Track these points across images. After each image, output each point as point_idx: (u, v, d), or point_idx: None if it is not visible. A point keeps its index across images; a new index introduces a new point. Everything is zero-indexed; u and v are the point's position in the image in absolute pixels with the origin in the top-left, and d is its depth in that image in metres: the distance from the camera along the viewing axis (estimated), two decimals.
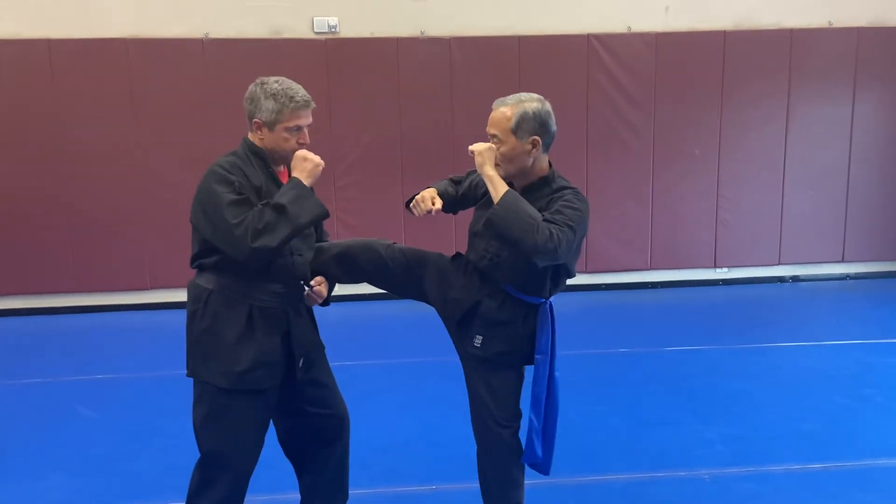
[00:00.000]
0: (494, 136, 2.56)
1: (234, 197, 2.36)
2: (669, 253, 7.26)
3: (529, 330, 2.64)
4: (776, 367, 4.98)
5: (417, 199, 2.66)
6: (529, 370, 2.73)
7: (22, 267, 6.56)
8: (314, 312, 2.76)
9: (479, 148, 2.54)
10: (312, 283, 2.66)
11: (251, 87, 2.51)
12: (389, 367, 5.12)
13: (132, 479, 3.55)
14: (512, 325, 2.62)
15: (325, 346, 2.79)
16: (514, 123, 2.52)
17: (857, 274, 7.52)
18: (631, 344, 5.53)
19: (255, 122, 2.49)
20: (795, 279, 7.50)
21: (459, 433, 3.26)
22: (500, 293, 2.62)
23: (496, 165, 2.55)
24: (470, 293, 2.65)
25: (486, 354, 2.63)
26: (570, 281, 2.71)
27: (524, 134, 2.52)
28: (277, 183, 2.52)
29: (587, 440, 3.86)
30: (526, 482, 2.78)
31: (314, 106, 2.54)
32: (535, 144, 2.54)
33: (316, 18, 6.64)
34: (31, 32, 6.36)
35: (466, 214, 2.88)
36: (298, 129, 2.50)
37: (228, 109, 6.10)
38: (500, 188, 2.48)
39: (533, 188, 2.61)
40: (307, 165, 2.46)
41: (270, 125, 2.47)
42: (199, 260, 2.52)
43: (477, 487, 2.79)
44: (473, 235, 2.71)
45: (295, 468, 2.84)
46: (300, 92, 2.48)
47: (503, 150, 2.54)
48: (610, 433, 3.98)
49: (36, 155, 6.44)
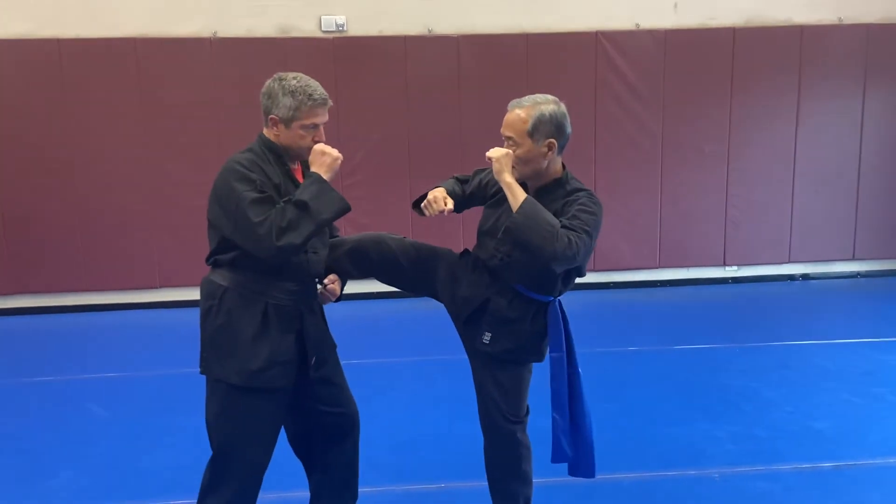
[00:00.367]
0: (510, 138, 2.54)
1: (255, 195, 2.33)
2: (678, 251, 7.24)
3: (538, 328, 2.63)
4: (786, 365, 4.96)
5: (429, 199, 2.64)
6: (539, 367, 2.72)
7: (32, 266, 6.60)
8: (325, 311, 2.76)
9: (496, 154, 2.52)
10: (326, 280, 2.65)
11: (269, 82, 2.47)
12: (398, 365, 5.12)
13: (143, 476, 3.56)
14: (521, 322, 2.61)
15: (336, 344, 2.79)
16: (530, 126, 2.49)
17: (867, 272, 7.48)
18: (640, 342, 5.52)
19: (271, 118, 2.46)
20: (806, 277, 7.46)
21: (468, 431, 3.26)
22: (509, 291, 2.61)
23: (512, 168, 2.53)
24: (479, 290, 2.64)
25: (494, 351, 2.63)
26: (578, 279, 2.70)
27: (540, 137, 2.50)
28: (294, 181, 2.50)
29: (597, 439, 3.83)
30: (535, 480, 2.77)
31: (332, 104, 2.50)
32: (550, 147, 2.52)
33: (324, 17, 6.65)
34: (41, 32, 6.39)
35: (473, 213, 2.88)
36: (315, 126, 2.47)
37: (237, 108, 6.16)
38: (518, 195, 2.46)
39: (547, 190, 2.59)
40: (326, 159, 2.43)
41: (287, 122, 2.45)
42: (215, 256, 2.51)
43: (485, 486, 2.78)
44: (483, 234, 2.70)
45: (304, 467, 2.84)
46: (318, 89, 2.45)
47: (519, 152, 2.52)
48: (619, 432, 3.96)
49: (46, 154, 6.48)
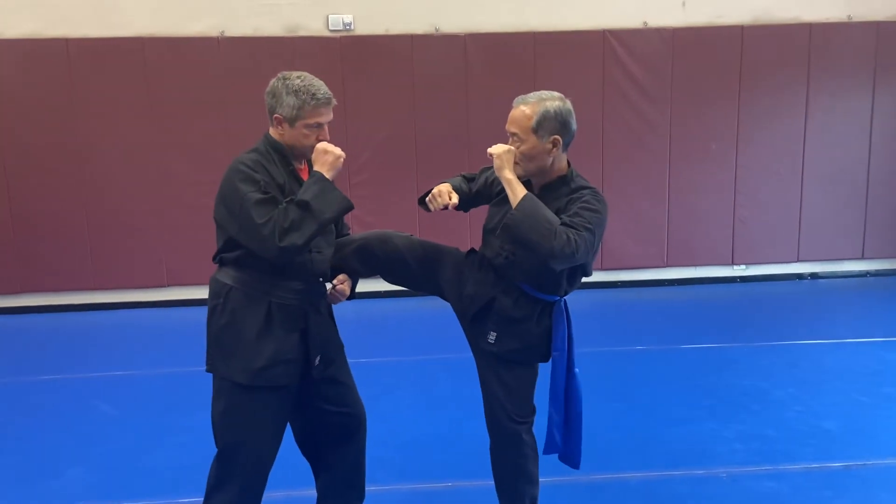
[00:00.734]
0: (514, 134, 2.53)
1: (259, 196, 2.34)
2: (686, 250, 7.21)
3: (544, 327, 2.62)
4: (795, 364, 4.93)
5: (434, 193, 2.64)
6: (545, 367, 2.71)
7: (40, 264, 6.62)
8: (333, 310, 2.76)
9: (498, 151, 2.51)
10: (335, 281, 2.66)
11: (273, 81, 2.48)
12: (405, 363, 5.12)
13: (150, 474, 3.57)
14: (526, 322, 2.60)
15: (343, 344, 2.78)
16: (535, 123, 2.48)
17: (877, 271, 7.43)
18: (647, 342, 5.50)
19: (275, 117, 2.47)
20: (814, 276, 7.42)
21: (475, 430, 3.25)
22: (514, 290, 2.60)
23: (515, 164, 2.52)
24: (485, 289, 2.63)
25: (499, 351, 2.62)
26: (585, 278, 2.69)
27: (545, 133, 2.49)
28: (299, 180, 2.51)
29: (603, 438, 3.83)
30: (541, 479, 2.77)
31: (335, 103, 2.51)
32: (555, 144, 2.51)
33: (331, 16, 6.65)
34: (48, 32, 6.41)
35: (480, 211, 2.87)
36: (319, 126, 2.48)
37: (244, 107, 6.16)
38: (518, 192, 2.45)
39: (551, 187, 2.58)
40: (328, 158, 2.44)
41: (291, 121, 2.45)
42: (221, 255, 2.52)
43: (492, 485, 2.77)
44: (488, 232, 2.69)
45: (311, 466, 2.84)
46: (322, 89, 2.46)
47: (523, 149, 2.51)
48: (626, 431, 3.95)
49: (53, 153, 6.50)
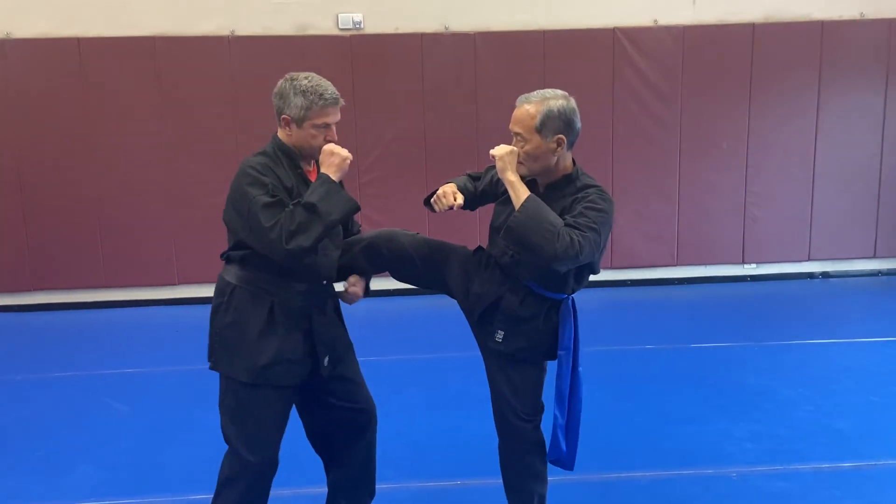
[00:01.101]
0: (518, 134, 2.52)
1: (267, 199, 2.35)
2: (696, 248, 7.18)
3: (551, 326, 2.62)
4: (806, 364, 4.91)
5: (438, 194, 2.63)
6: (552, 365, 2.71)
7: (52, 263, 6.66)
8: (342, 309, 2.76)
9: (500, 152, 2.50)
10: (347, 283, 2.68)
11: (281, 82, 2.49)
12: (415, 362, 5.13)
13: (161, 470, 3.60)
14: (534, 321, 2.60)
15: (352, 342, 2.79)
16: (538, 122, 2.47)
17: (889, 270, 7.38)
18: (657, 340, 5.48)
19: (283, 117, 2.48)
20: (826, 275, 7.37)
21: (484, 428, 3.25)
22: (521, 289, 2.60)
23: (519, 163, 2.51)
24: (492, 288, 2.63)
25: (507, 350, 2.62)
26: (595, 277, 2.69)
27: (549, 132, 2.48)
28: (307, 182, 2.51)
29: (613, 437, 3.83)
30: (550, 478, 2.77)
31: (343, 103, 2.51)
32: (559, 143, 2.50)
33: (341, 15, 6.66)
34: (60, 31, 6.45)
35: (488, 209, 2.87)
36: (327, 126, 2.48)
37: (254, 106, 6.18)
38: (521, 193, 2.44)
39: (557, 186, 2.57)
40: (335, 160, 2.44)
41: (299, 122, 2.46)
42: (228, 253, 2.54)
43: (501, 483, 2.78)
44: (494, 231, 2.69)
45: (323, 462, 2.86)
46: (329, 89, 2.46)
47: (527, 148, 2.50)
48: (636, 430, 3.95)
49: (66, 152, 6.54)
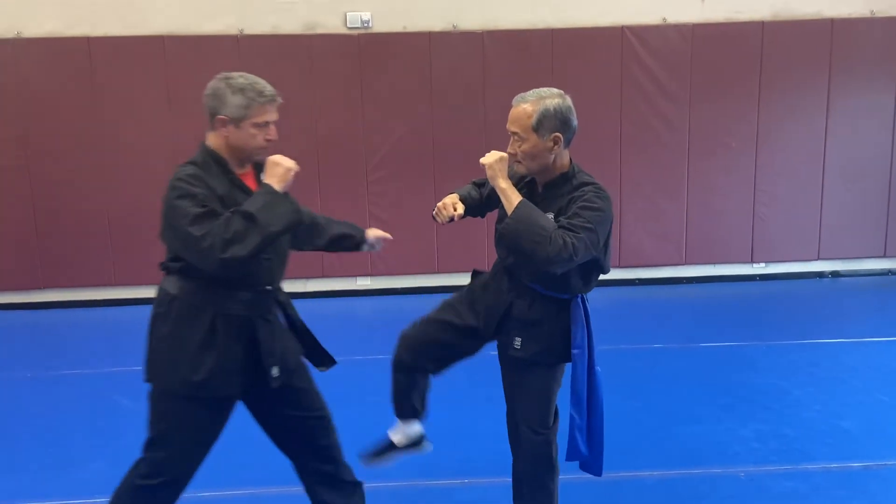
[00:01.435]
0: (515, 133, 2.54)
1: (198, 210, 2.27)
2: (705, 247, 7.16)
3: (563, 326, 2.62)
4: (815, 363, 4.89)
5: (439, 206, 2.66)
6: (567, 378, 2.70)
7: (62, 260, 6.70)
8: (300, 314, 2.66)
9: (489, 161, 2.53)
10: (368, 236, 2.81)
11: (213, 82, 2.42)
12: None
13: None
14: (545, 323, 2.60)
15: (301, 347, 2.66)
16: (535, 121, 2.49)
17: None
18: (665, 340, 5.47)
19: (219, 118, 2.40)
20: (835, 274, 7.34)
21: (492, 427, 3.26)
22: (528, 293, 2.61)
23: (518, 162, 2.54)
24: (500, 297, 2.65)
25: (526, 355, 2.62)
26: (603, 276, 2.69)
27: (546, 131, 2.49)
28: (242, 188, 2.43)
29: (621, 436, 3.82)
30: (559, 478, 2.77)
31: (281, 101, 2.45)
32: (556, 141, 2.51)
33: (349, 14, 6.66)
34: (70, 30, 6.49)
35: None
36: (266, 124, 2.42)
37: None
38: (513, 200, 2.47)
39: (554, 185, 2.59)
40: (278, 170, 2.36)
41: (237, 121, 2.38)
42: (166, 264, 2.49)
43: (508, 482, 2.79)
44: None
45: (293, 466, 2.75)
46: (267, 87, 2.41)
47: (524, 147, 2.52)
48: (644, 429, 3.95)
49: (75, 150, 6.57)
